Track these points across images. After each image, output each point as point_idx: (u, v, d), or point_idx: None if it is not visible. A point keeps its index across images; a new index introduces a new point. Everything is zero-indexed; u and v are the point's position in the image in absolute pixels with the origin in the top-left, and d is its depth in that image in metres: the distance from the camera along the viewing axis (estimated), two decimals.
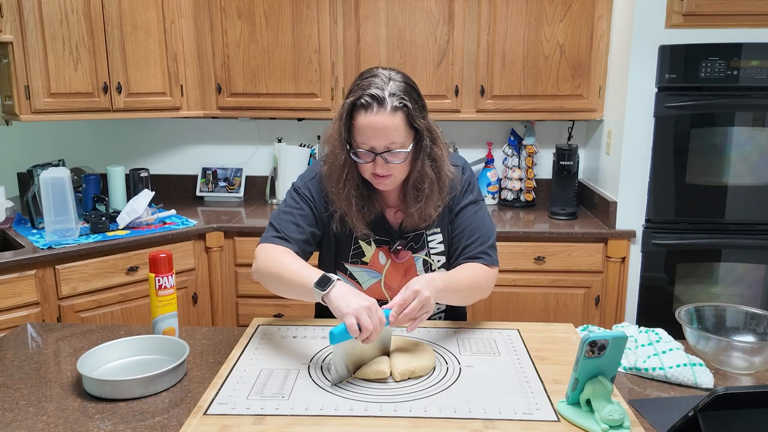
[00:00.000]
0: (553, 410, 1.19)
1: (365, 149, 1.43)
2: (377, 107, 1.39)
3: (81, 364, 1.30)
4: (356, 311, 1.24)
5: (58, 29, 2.66)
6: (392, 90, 1.40)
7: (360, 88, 1.42)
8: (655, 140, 2.68)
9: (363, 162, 1.46)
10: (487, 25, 2.94)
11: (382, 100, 1.39)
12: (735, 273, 2.76)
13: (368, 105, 1.39)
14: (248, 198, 3.45)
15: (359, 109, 1.40)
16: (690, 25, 2.59)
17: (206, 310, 2.93)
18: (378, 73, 1.43)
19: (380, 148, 1.42)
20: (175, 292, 1.51)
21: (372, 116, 1.39)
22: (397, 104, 1.39)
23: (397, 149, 1.43)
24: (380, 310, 1.28)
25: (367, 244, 1.60)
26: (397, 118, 1.40)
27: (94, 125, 3.40)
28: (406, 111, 1.41)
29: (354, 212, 1.52)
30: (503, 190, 3.31)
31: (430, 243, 1.61)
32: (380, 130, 1.40)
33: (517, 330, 1.58)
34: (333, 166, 1.51)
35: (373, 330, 1.24)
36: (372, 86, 1.40)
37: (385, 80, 1.41)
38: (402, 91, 1.41)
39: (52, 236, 2.51)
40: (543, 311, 2.85)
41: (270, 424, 1.14)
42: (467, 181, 1.61)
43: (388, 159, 1.43)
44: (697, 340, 1.41)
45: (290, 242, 1.52)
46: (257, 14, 2.99)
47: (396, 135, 1.41)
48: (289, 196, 1.60)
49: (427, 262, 1.62)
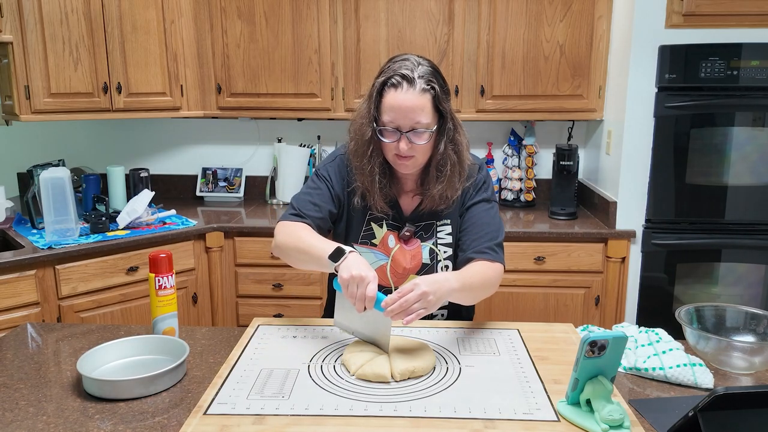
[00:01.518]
0: (553, 410, 1.19)
1: (392, 127, 1.49)
2: (407, 86, 1.46)
3: (81, 364, 1.30)
4: (349, 279, 1.33)
5: (58, 29, 2.66)
6: (421, 72, 1.48)
7: (391, 69, 1.49)
8: (655, 140, 2.68)
9: (388, 141, 1.51)
10: (487, 25, 2.94)
11: (411, 80, 1.46)
12: (735, 273, 2.76)
13: (398, 84, 1.46)
14: (248, 198, 3.45)
15: (389, 88, 1.48)
16: (690, 25, 2.59)
17: (206, 310, 2.93)
18: (408, 57, 1.51)
19: (406, 127, 1.48)
20: (175, 292, 1.51)
21: (402, 94, 1.46)
22: (425, 86, 1.47)
23: (421, 129, 1.48)
24: (371, 287, 1.32)
25: (379, 226, 1.64)
26: (425, 99, 1.47)
27: (94, 125, 3.41)
28: (434, 93, 1.48)
29: (376, 189, 1.57)
30: (503, 190, 3.31)
31: (439, 233, 1.64)
32: (408, 109, 1.46)
33: (517, 330, 1.58)
34: (359, 142, 1.56)
35: (355, 300, 1.32)
36: (403, 68, 1.47)
37: (415, 64, 1.49)
38: (430, 74, 1.49)
39: (52, 236, 2.51)
40: (543, 311, 2.85)
41: (270, 424, 1.14)
42: (482, 179, 1.65)
43: (413, 139, 1.49)
44: (697, 340, 1.41)
45: (307, 218, 1.60)
46: (257, 14, 2.99)
47: (422, 115, 1.47)
48: (311, 179, 1.69)
49: (433, 251, 1.64)
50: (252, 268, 2.90)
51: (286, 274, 2.88)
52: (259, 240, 2.86)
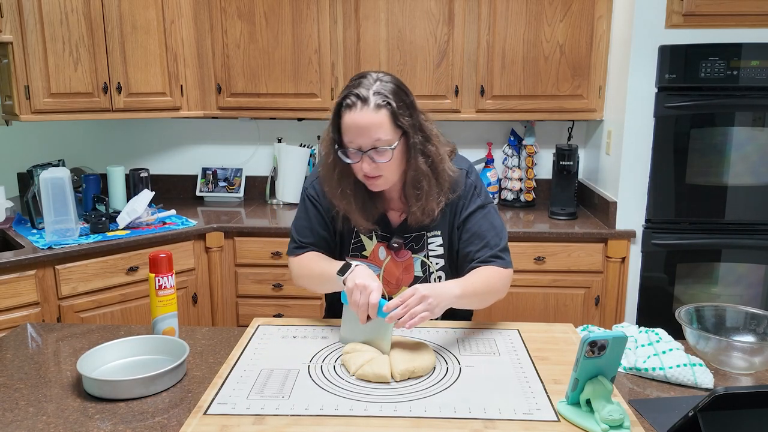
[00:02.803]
0: (553, 410, 1.19)
1: (353, 148, 1.47)
2: (361, 105, 1.43)
3: (81, 364, 1.30)
4: (353, 287, 1.38)
5: (58, 29, 2.66)
6: (377, 89, 1.44)
7: (347, 89, 1.47)
8: (655, 140, 2.68)
9: (352, 162, 1.49)
10: (487, 25, 2.94)
11: (365, 99, 1.43)
12: (735, 273, 2.76)
13: (353, 104, 1.44)
14: (248, 198, 3.45)
15: (345, 109, 1.45)
16: (690, 25, 2.59)
17: (206, 310, 2.93)
18: (367, 75, 1.48)
19: (366, 147, 1.45)
20: (175, 292, 1.51)
21: (356, 114, 1.43)
22: (380, 102, 1.43)
23: (382, 147, 1.45)
24: (374, 295, 1.35)
25: (369, 238, 1.63)
26: (381, 116, 1.44)
27: (94, 125, 3.40)
28: (390, 109, 1.44)
29: (355, 209, 1.56)
30: (503, 190, 3.31)
31: (430, 245, 1.62)
32: (364, 128, 1.43)
33: (517, 330, 1.58)
34: (326, 167, 1.56)
35: (359, 307, 1.36)
36: (359, 87, 1.45)
37: (372, 81, 1.46)
38: (388, 90, 1.45)
39: (52, 236, 2.51)
40: (543, 311, 2.85)
41: (270, 424, 1.14)
42: (472, 185, 1.62)
43: (375, 158, 1.46)
44: (697, 340, 1.41)
45: (310, 248, 1.64)
46: (257, 14, 2.99)
47: (381, 132, 1.44)
48: (301, 202, 1.70)
49: (425, 264, 1.63)
50: (252, 268, 2.90)
51: (286, 274, 2.87)
52: (259, 240, 2.86)
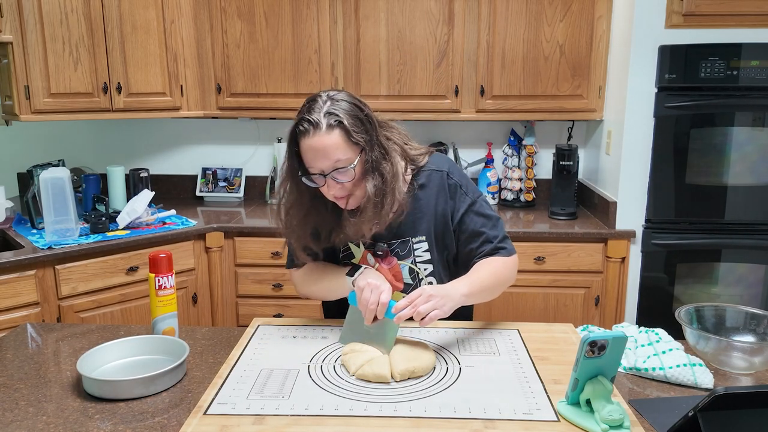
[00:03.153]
0: (553, 410, 1.19)
1: (316, 172, 1.44)
2: (313, 130, 1.40)
3: (81, 364, 1.30)
4: (364, 286, 1.41)
5: (58, 29, 2.66)
6: (328, 110, 1.40)
7: (299, 113, 1.44)
8: (655, 140, 2.68)
9: (318, 186, 1.46)
10: (487, 25, 2.94)
11: (316, 123, 1.40)
12: (735, 273, 2.76)
13: (306, 130, 1.41)
14: (248, 198, 3.45)
15: (300, 136, 1.42)
16: (690, 25, 2.59)
17: (206, 310, 2.93)
18: (317, 97, 1.45)
19: (328, 169, 1.42)
20: (175, 292, 1.51)
21: (310, 139, 1.40)
22: (332, 122, 1.40)
23: (342, 166, 1.42)
24: (384, 295, 1.38)
25: (356, 245, 1.62)
26: (334, 136, 1.40)
27: (94, 125, 3.40)
28: (343, 127, 1.41)
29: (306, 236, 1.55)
30: (503, 190, 3.31)
31: (416, 251, 1.61)
32: (321, 151, 1.40)
33: (517, 330, 1.58)
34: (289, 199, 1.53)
35: (368, 305, 1.38)
36: (309, 111, 1.41)
37: (322, 103, 1.42)
38: (341, 108, 1.41)
39: (52, 236, 2.51)
40: (543, 311, 2.85)
41: (270, 424, 1.14)
42: (456, 185, 1.59)
43: (338, 178, 1.43)
44: (697, 340, 1.41)
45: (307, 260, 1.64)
46: (257, 14, 2.99)
47: (338, 153, 1.41)
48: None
49: (413, 270, 1.61)
50: (252, 268, 2.90)
51: (286, 274, 2.86)
52: (259, 240, 2.86)
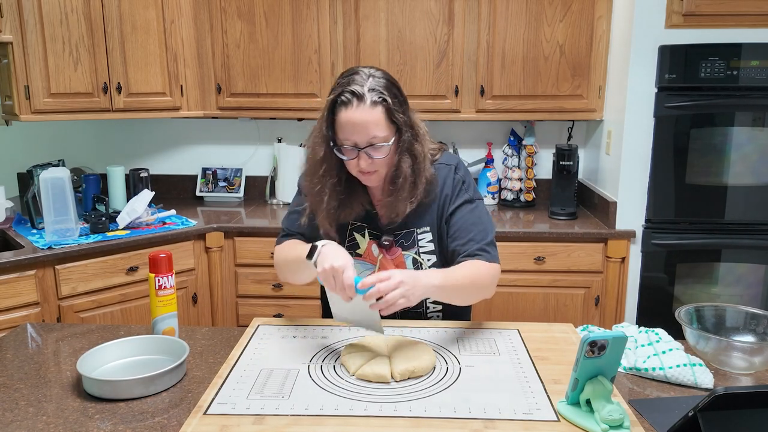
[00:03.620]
0: (553, 410, 1.19)
1: (349, 145, 1.46)
2: (357, 102, 1.43)
3: (81, 364, 1.30)
4: (324, 272, 1.34)
5: (58, 29, 2.66)
6: (371, 86, 1.44)
7: (340, 85, 1.46)
8: (655, 140, 2.68)
9: (348, 158, 1.48)
10: (487, 25, 2.94)
11: (361, 96, 1.42)
12: (735, 273, 2.76)
13: (348, 101, 1.43)
14: (248, 198, 3.45)
15: (340, 106, 1.44)
16: (690, 25, 2.59)
17: (206, 310, 2.93)
18: (358, 70, 1.47)
19: (363, 143, 1.45)
20: (175, 292, 1.51)
21: (352, 112, 1.43)
22: (376, 99, 1.43)
23: (379, 143, 1.45)
24: (347, 275, 1.31)
25: (362, 236, 1.62)
26: (377, 113, 1.43)
27: (94, 125, 3.40)
28: (386, 105, 1.44)
29: (323, 209, 1.54)
30: (503, 190, 3.31)
31: (420, 242, 1.61)
32: (361, 125, 1.43)
33: (517, 330, 1.58)
34: (311, 162, 1.54)
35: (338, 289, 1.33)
36: (352, 83, 1.44)
37: (365, 77, 1.45)
38: (381, 86, 1.45)
39: (52, 236, 2.51)
40: (543, 311, 2.85)
41: (270, 424, 1.14)
42: (461, 180, 1.61)
43: (371, 154, 1.46)
44: (697, 340, 1.41)
45: (296, 236, 1.62)
46: (257, 14, 2.99)
47: (377, 129, 1.44)
48: (295, 196, 1.69)
49: (417, 261, 1.62)
50: (252, 268, 2.90)
51: None
52: (259, 240, 2.86)
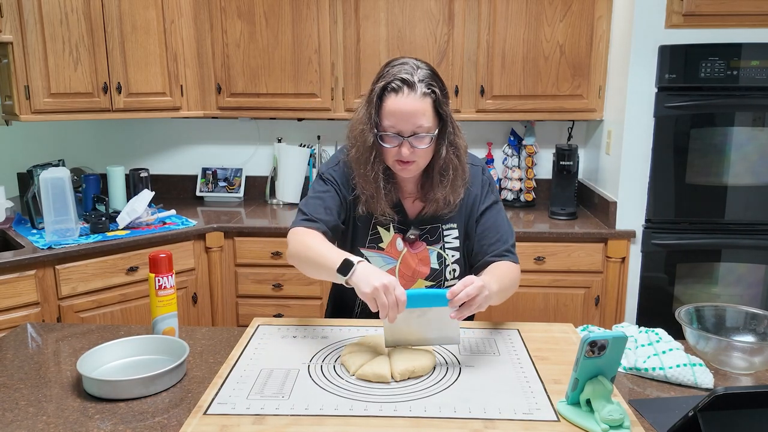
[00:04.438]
0: (553, 410, 1.19)
1: (393, 132, 1.47)
2: (408, 91, 1.45)
3: (81, 364, 1.30)
4: (373, 292, 1.28)
5: (58, 29, 2.66)
6: (421, 76, 1.46)
7: (390, 74, 1.47)
8: (655, 140, 2.68)
9: (389, 146, 1.49)
10: (487, 25, 2.94)
11: (412, 84, 1.45)
12: (735, 273, 2.76)
13: (399, 88, 1.45)
14: (248, 198, 3.45)
15: (390, 93, 1.46)
16: (690, 25, 2.59)
17: (206, 310, 2.93)
18: (407, 60, 1.50)
19: (407, 132, 1.47)
20: (175, 292, 1.51)
21: (402, 99, 1.45)
22: (426, 90, 1.46)
23: (423, 133, 1.47)
24: (399, 290, 1.29)
25: (386, 230, 1.63)
26: (426, 103, 1.46)
27: (94, 125, 3.40)
28: (434, 97, 1.47)
29: (381, 195, 1.55)
30: (503, 190, 3.31)
31: (446, 237, 1.63)
32: (409, 114, 1.45)
33: (517, 330, 1.58)
34: (361, 149, 1.53)
35: (390, 307, 1.28)
36: (402, 72, 1.46)
37: (414, 67, 1.48)
38: (430, 78, 1.48)
39: (52, 236, 2.51)
40: (543, 311, 2.85)
41: (270, 424, 1.14)
42: (488, 180, 1.66)
43: (414, 144, 1.47)
44: (697, 340, 1.41)
45: (318, 223, 1.55)
46: (257, 14, 2.99)
47: (423, 119, 1.46)
48: (316, 183, 1.64)
49: (441, 256, 1.63)
50: (252, 268, 2.90)
51: (286, 274, 2.88)
52: (259, 240, 2.86)
